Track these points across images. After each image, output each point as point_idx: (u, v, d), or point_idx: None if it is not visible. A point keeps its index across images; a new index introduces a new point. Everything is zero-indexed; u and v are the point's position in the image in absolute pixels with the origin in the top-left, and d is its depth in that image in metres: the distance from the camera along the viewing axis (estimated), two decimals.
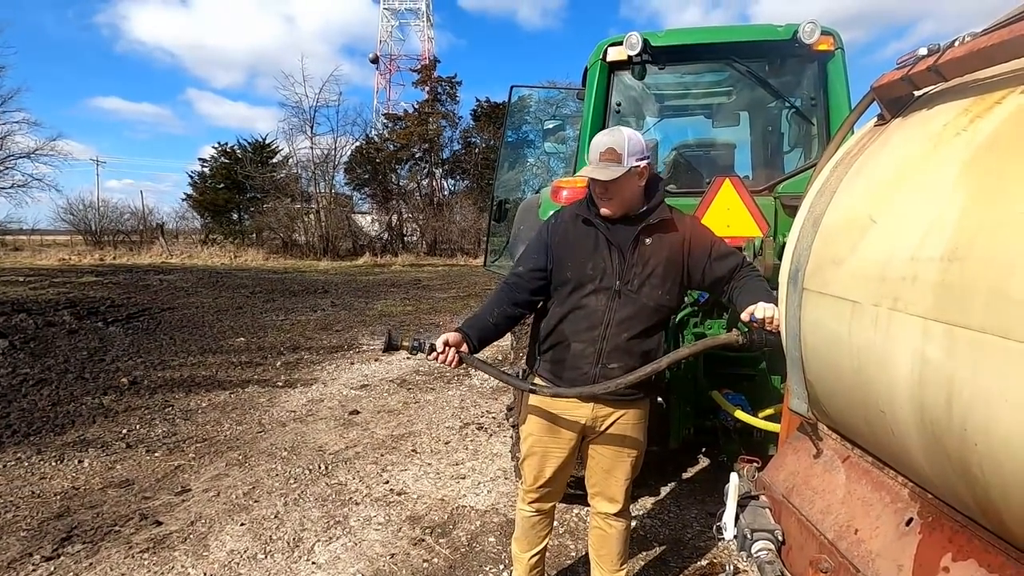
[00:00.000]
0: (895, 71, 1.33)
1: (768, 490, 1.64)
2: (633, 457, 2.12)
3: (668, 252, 1.96)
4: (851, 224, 1.30)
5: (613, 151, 1.86)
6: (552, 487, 2.22)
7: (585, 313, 1.97)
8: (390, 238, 28.97)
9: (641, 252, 1.95)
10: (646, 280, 1.94)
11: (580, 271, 1.98)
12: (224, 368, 6.57)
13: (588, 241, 1.99)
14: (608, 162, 1.86)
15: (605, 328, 1.95)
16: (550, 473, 2.16)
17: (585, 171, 1.90)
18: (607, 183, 1.87)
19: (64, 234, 32.74)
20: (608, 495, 2.17)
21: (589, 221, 2.00)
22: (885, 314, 1.12)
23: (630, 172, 1.86)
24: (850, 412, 1.34)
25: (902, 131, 1.32)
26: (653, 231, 1.96)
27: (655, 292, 1.95)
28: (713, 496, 3.42)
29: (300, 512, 3.27)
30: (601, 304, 1.96)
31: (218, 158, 30.97)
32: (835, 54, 3.31)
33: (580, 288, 1.98)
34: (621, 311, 1.95)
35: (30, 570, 2.68)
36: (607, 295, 1.95)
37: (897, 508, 1.23)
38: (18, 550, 2.84)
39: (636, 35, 3.36)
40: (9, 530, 3.03)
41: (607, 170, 1.85)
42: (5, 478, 3.66)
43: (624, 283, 1.94)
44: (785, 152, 3.98)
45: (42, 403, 5.10)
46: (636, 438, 2.10)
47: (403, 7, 43.54)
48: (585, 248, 1.99)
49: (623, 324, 1.95)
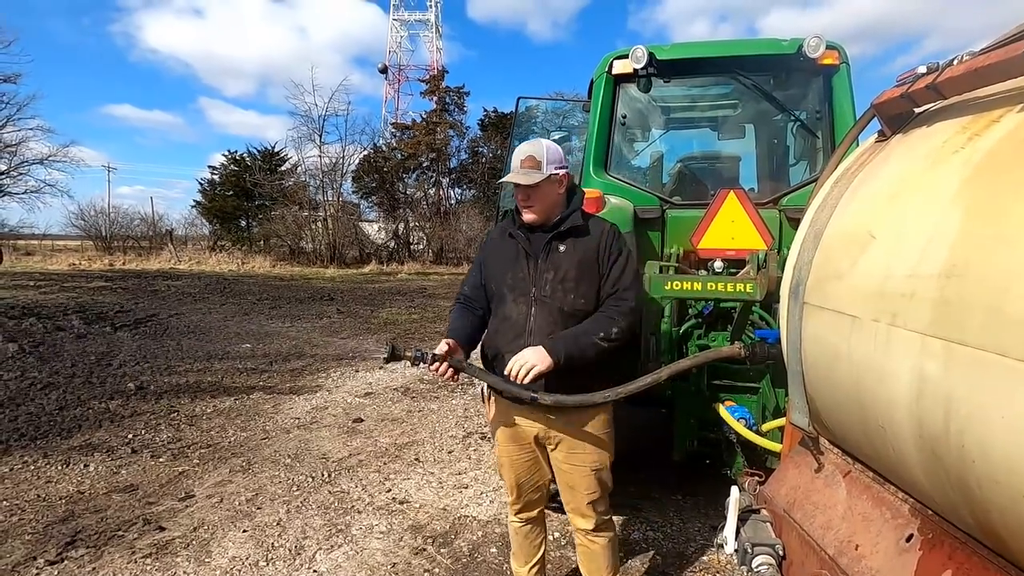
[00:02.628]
0: (895, 88, 1.34)
1: (769, 504, 1.63)
2: (595, 471, 2.08)
3: (581, 256, 2.00)
4: (851, 239, 1.30)
5: (533, 158, 1.97)
6: (529, 495, 2.24)
7: (510, 323, 2.04)
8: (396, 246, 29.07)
9: (553, 258, 2.01)
10: (559, 285, 1.98)
11: (502, 281, 2.08)
12: (230, 374, 6.60)
13: (510, 253, 2.09)
14: (529, 169, 1.96)
15: (529, 336, 1.99)
16: (519, 481, 2.20)
17: (508, 177, 2.01)
18: (528, 189, 1.96)
19: (75, 239, 33.07)
20: (579, 511, 2.15)
21: (512, 234, 2.09)
22: (884, 329, 1.13)
23: (550, 179, 1.97)
24: (850, 427, 1.34)
25: (902, 147, 1.33)
26: (565, 237, 2.02)
27: (568, 296, 1.98)
28: (716, 509, 3.39)
29: (302, 520, 3.27)
30: (522, 312, 2.02)
31: (227, 166, 31.30)
32: (840, 68, 3.33)
33: (504, 299, 2.07)
34: (539, 318, 1.99)
35: (34, 574, 2.70)
36: (526, 303, 2.02)
37: (898, 524, 1.23)
38: (23, 553, 2.85)
39: (642, 48, 3.39)
40: (14, 533, 3.05)
41: (527, 176, 1.95)
42: (12, 481, 3.69)
43: (539, 289, 2.00)
44: (790, 165, 3.99)
45: (49, 407, 5.14)
46: (594, 450, 2.08)
47: (413, 18, 44.03)
48: (507, 259, 2.09)
49: (543, 331, 1.98)
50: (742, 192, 3.18)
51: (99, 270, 20.26)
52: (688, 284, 2.72)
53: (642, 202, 3.46)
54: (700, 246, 3.22)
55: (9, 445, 4.27)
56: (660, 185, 4.15)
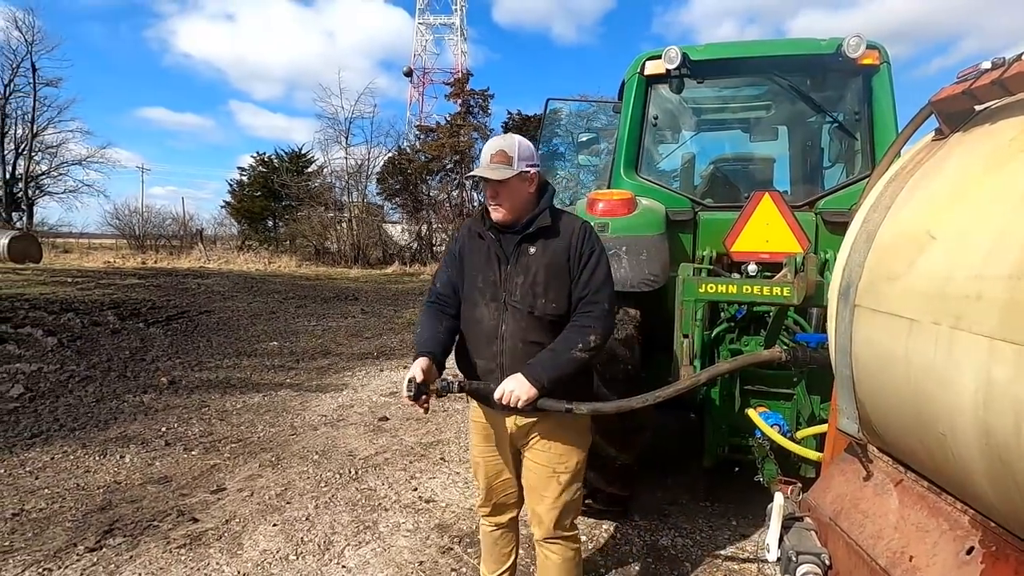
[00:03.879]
0: (955, 84, 1.30)
1: (814, 512, 1.59)
2: (562, 476, 1.99)
3: (550, 259, 1.91)
4: (908, 240, 1.26)
5: (504, 153, 1.89)
6: (499, 498, 2.18)
7: (482, 328, 1.96)
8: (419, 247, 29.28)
9: (523, 262, 1.93)
10: (529, 289, 1.90)
11: (472, 284, 2.00)
12: (258, 371, 6.72)
13: (480, 255, 2.01)
14: (499, 164, 1.88)
15: (501, 342, 1.92)
16: (488, 482, 2.16)
17: (476, 171, 1.92)
18: (497, 185, 1.89)
19: (110, 238, 34.13)
20: (537, 517, 2.06)
21: (482, 235, 2.01)
22: (946, 333, 1.08)
23: (520, 176, 1.89)
24: (905, 434, 1.29)
25: (962, 146, 1.29)
26: (536, 239, 1.94)
27: (538, 301, 1.89)
28: (747, 518, 3.33)
29: (331, 515, 3.30)
30: (493, 318, 1.94)
31: (256, 167, 31.99)
32: (881, 68, 3.25)
33: (475, 303, 1.99)
34: (511, 324, 1.92)
35: (74, 560, 2.77)
36: (497, 307, 1.94)
37: (956, 536, 1.18)
38: (64, 540, 2.94)
39: (675, 49, 3.36)
40: (56, 520, 3.15)
41: (497, 171, 1.87)
42: (53, 470, 3.81)
43: (508, 294, 1.92)
44: (825, 167, 3.91)
45: (87, 399, 5.30)
46: (563, 454, 1.99)
47: (438, 22, 44.43)
48: (477, 261, 2.00)
49: (516, 337, 1.91)
50: (777, 194, 3.13)
51: (133, 268, 20.84)
52: (723, 287, 2.68)
53: (673, 204, 3.42)
54: (733, 249, 3.17)
55: (50, 435, 4.41)
56: (692, 187, 4.10)
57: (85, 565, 2.74)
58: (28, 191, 30.22)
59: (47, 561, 2.75)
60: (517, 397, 1.78)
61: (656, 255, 2.94)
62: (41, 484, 3.59)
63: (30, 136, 29.63)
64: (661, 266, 2.93)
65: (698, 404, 3.20)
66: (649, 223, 3.08)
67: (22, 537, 2.96)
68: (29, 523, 3.11)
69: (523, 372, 1.81)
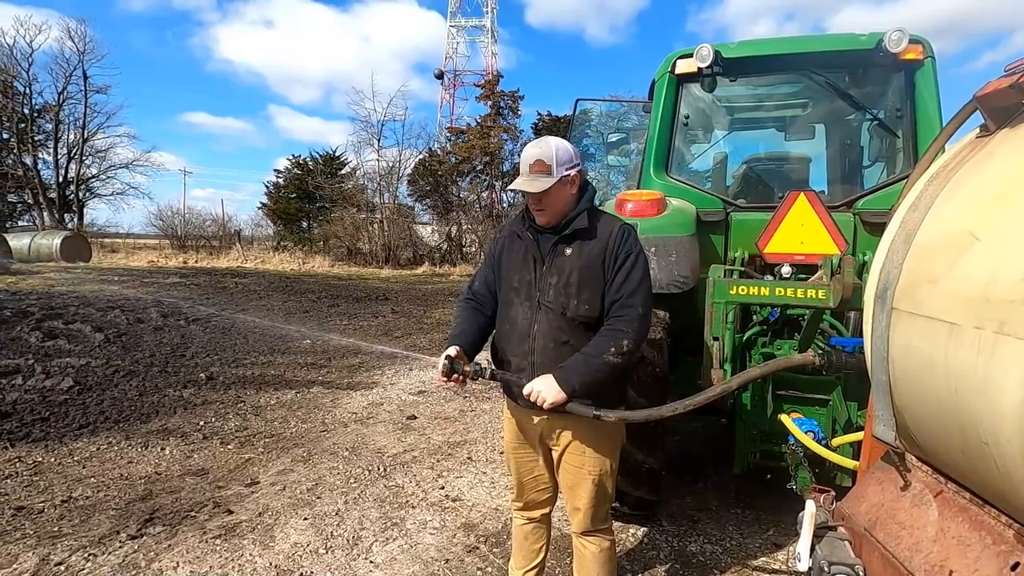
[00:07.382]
0: (1002, 79, 1.24)
1: (848, 522, 1.54)
2: (595, 476, 2.02)
3: (585, 261, 1.90)
4: (949, 241, 1.21)
5: (542, 162, 1.87)
6: (531, 494, 2.21)
7: (515, 328, 1.98)
8: (449, 248, 29.53)
9: (558, 263, 1.93)
10: (562, 290, 1.90)
11: (509, 284, 2.02)
12: (291, 368, 6.89)
13: (517, 255, 2.02)
14: (538, 174, 1.87)
15: (532, 341, 1.94)
16: (519, 478, 2.19)
17: (515, 183, 1.91)
18: (539, 195, 1.88)
19: (154, 238, 35.54)
20: (574, 511, 2.11)
21: (520, 235, 2.02)
22: (990, 338, 1.04)
23: (561, 182, 1.87)
24: (945, 442, 1.24)
25: (1010, 143, 1.23)
26: (572, 240, 1.93)
27: (571, 303, 1.89)
28: (778, 526, 3.25)
29: (360, 511, 3.36)
30: (526, 317, 1.96)
31: (291, 169, 32.87)
32: (924, 63, 3.12)
33: (511, 302, 2.01)
34: (542, 324, 1.93)
35: (117, 547, 2.89)
36: (531, 307, 1.95)
37: (1000, 551, 1.13)
38: (108, 527, 3.07)
39: (707, 47, 3.30)
40: (100, 508, 3.29)
41: (536, 182, 1.86)
42: (98, 460, 3.98)
43: (542, 294, 1.93)
44: (865, 167, 3.78)
45: (131, 393, 5.52)
46: (596, 455, 2.01)
47: (470, 24, 44.76)
48: (514, 262, 2.02)
49: (547, 337, 1.91)
50: (813, 194, 3.04)
51: (175, 267, 21.64)
52: (755, 289, 2.62)
53: (705, 205, 3.36)
54: (767, 250, 3.09)
55: (97, 426, 4.61)
56: (724, 187, 4.02)
57: (127, 552, 2.85)
58: (79, 193, 31.76)
59: (92, 547, 2.88)
60: (544, 399, 1.80)
61: (686, 256, 2.90)
62: (88, 473, 3.76)
63: (81, 141, 31.14)
64: (691, 267, 2.89)
65: (728, 409, 3.13)
66: (679, 224, 3.04)
67: (69, 523, 3.11)
68: (76, 510, 3.26)
69: (555, 375, 1.82)
